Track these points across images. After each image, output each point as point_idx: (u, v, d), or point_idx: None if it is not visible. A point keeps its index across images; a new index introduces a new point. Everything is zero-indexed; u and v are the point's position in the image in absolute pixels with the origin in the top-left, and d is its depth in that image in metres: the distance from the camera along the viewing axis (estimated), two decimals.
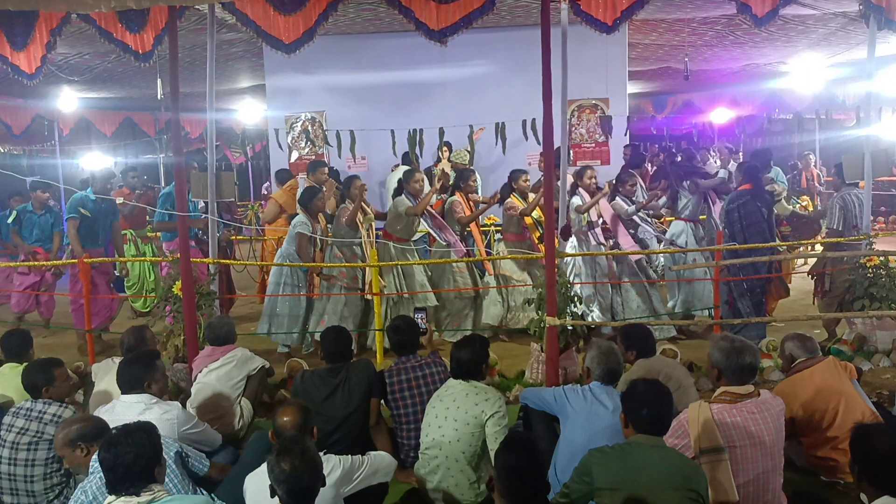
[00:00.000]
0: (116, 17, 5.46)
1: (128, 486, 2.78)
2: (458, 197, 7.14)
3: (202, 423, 4.08)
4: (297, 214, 6.72)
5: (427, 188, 7.00)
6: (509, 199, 6.96)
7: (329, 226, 7.01)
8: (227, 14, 5.64)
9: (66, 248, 7.92)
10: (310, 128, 10.30)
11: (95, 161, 16.15)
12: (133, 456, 2.79)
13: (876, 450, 2.56)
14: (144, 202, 8.76)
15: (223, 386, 4.70)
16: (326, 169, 8.10)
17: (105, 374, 4.64)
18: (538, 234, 6.92)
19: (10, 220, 7.94)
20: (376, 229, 7.08)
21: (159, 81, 7.41)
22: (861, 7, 5.84)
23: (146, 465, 2.82)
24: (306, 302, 6.67)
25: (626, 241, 6.85)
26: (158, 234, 8.14)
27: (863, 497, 2.66)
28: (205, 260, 5.99)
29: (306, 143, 10.33)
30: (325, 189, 7.23)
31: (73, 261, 6.69)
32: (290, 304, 6.61)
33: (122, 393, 3.90)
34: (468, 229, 7.15)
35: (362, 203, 6.76)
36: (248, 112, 14.98)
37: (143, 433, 2.93)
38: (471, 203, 7.21)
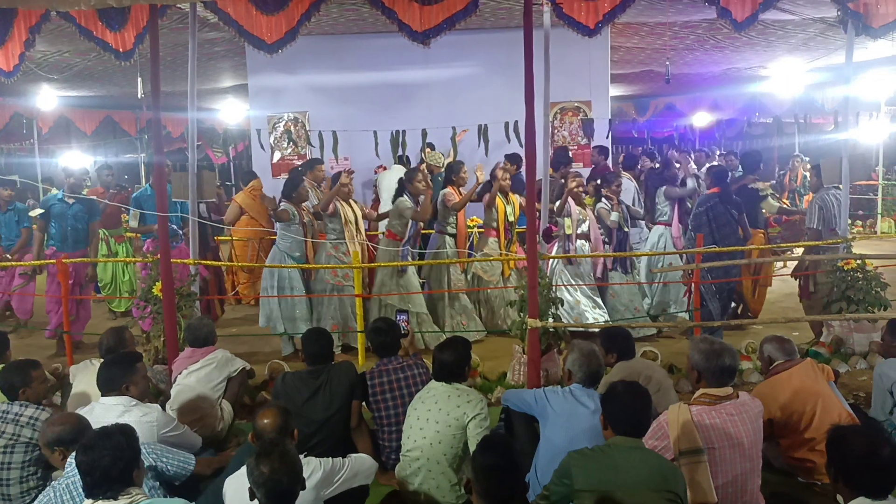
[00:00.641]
0: (96, 15, 5.42)
1: (105, 489, 2.76)
2: (449, 189, 7.20)
3: (182, 425, 4.06)
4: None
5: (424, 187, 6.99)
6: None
7: (319, 222, 6.99)
8: (209, 13, 5.62)
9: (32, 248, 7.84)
10: (292, 128, 10.25)
11: (75, 159, 15.99)
12: (110, 459, 2.77)
13: (852, 451, 2.59)
14: (119, 201, 8.70)
15: (203, 388, 4.67)
16: (323, 166, 8.18)
17: (84, 376, 4.60)
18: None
19: None
20: (380, 231, 7.08)
21: (140, 80, 7.32)
22: (839, 13, 5.94)
23: (124, 468, 2.79)
24: (307, 302, 6.64)
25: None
26: (138, 234, 8.08)
27: (839, 498, 2.69)
28: (185, 261, 5.95)
29: (289, 143, 10.28)
30: (316, 185, 7.20)
31: (52, 261, 6.62)
32: (290, 305, 6.59)
33: (102, 395, 3.87)
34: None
35: (351, 201, 6.76)
36: (231, 112, 14.89)
37: (122, 436, 2.90)
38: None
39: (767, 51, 10.79)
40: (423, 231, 7.28)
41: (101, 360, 4.31)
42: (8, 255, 7.84)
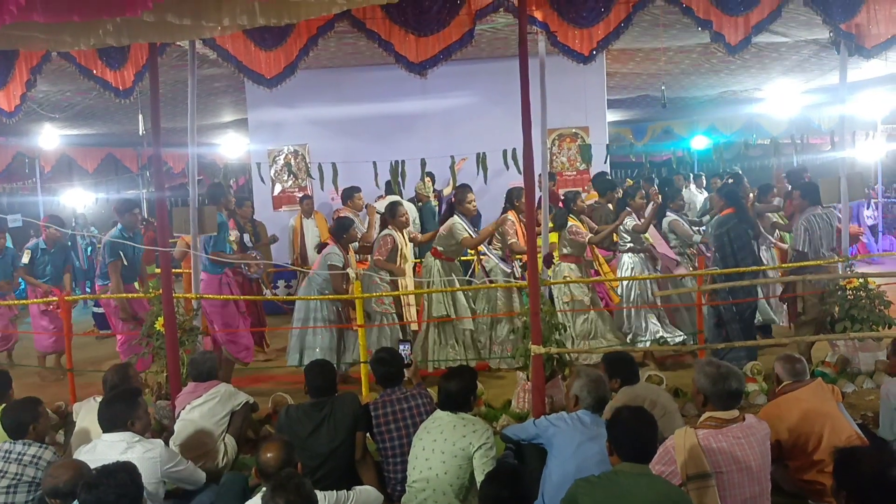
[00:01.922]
0: (96, 54, 5.50)
1: None
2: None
3: (185, 461, 4.02)
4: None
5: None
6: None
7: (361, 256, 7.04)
8: (208, 50, 5.69)
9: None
10: (293, 160, 10.33)
11: (77, 197, 16.08)
12: (115, 497, 2.75)
13: (863, 473, 2.55)
14: (149, 237, 8.64)
15: (207, 423, 4.65)
16: (361, 193, 8.37)
17: (87, 413, 4.57)
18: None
19: None
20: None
21: (141, 117, 7.42)
22: (832, 34, 5.99)
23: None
24: (338, 334, 6.63)
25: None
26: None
27: None
28: (188, 295, 5.95)
29: (289, 175, 10.35)
30: (361, 218, 7.24)
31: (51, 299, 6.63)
32: (322, 336, 6.57)
33: (104, 432, 3.84)
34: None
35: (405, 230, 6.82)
36: (231, 146, 15.02)
37: (125, 473, 2.89)
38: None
39: (762, 73, 10.90)
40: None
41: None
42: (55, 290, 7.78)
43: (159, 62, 5.42)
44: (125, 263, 6.60)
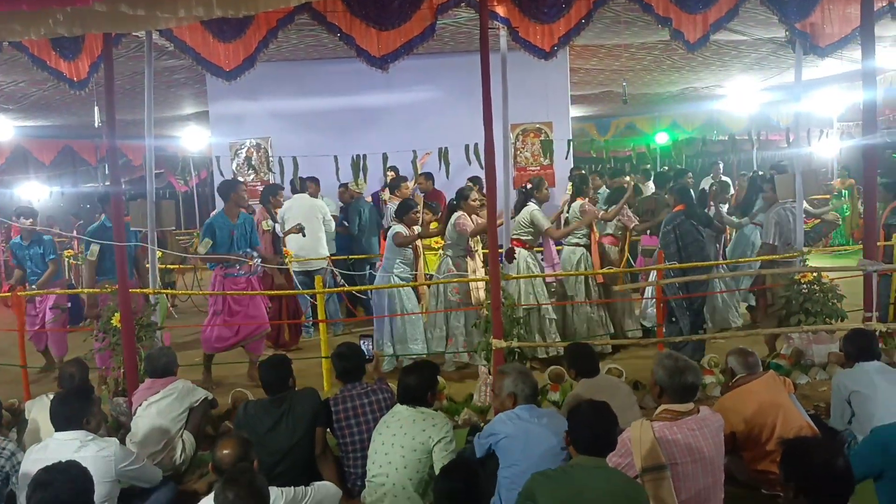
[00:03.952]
0: (50, 44, 5.36)
1: None
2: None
3: (141, 458, 3.96)
4: None
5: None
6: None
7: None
8: (166, 41, 5.59)
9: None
10: (254, 154, 10.22)
11: (33, 190, 15.71)
12: (70, 494, 2.71)
13: (809, 463, 2.59)
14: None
15: (164, 419, 4.58)
16: (410, 183, 8.60)
17: (39, 411, 4.49)
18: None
19: None
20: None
21: (97, 109, 7.25)
22: (787, 33, 6.09)
23: (86, 501, 2.75)
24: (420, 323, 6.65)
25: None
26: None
27: None
28: (144, 290, 5.86)
29: (249, 169, 10.24)
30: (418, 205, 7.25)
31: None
32: (400, 326, 6.56)
33: (56, 430, 3.76)
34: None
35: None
36: (193, 139, 14.78)
37: (77, 470, 2.85)
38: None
39: (722, 70, 11.06)
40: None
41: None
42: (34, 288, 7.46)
43: (115, 53, 5.32)
44: (103, 257, 6.43)
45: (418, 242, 6.83)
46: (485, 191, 5.93)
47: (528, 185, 7.15)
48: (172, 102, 11.95)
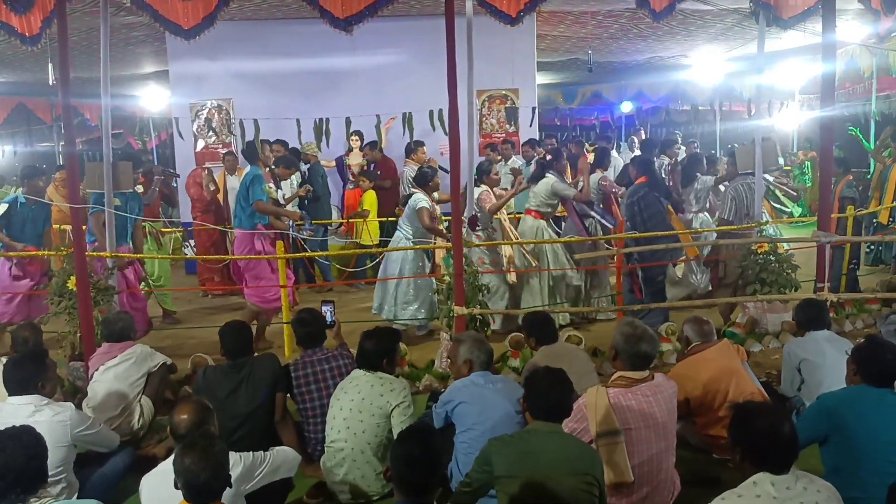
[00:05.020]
0: None
1: (19, 491, 2.68)
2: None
3: (98, 423, 3.92)
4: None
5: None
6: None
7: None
8: None
9: None
10: (216, 116, 10.01)
11: None
12: (25, 458, 2.69)
13: (757, 428, 2.66)
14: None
15: (121, 384, 4.54)
16: (425, 147, 8.62)
17: None
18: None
19: None
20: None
21: (51, 66, 7.02)
22: (751, 4, 6.13)
23: (39, 466, 2.73)
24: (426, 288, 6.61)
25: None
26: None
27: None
28: (102, 254, 5.75)
29: (209, 131, 10.03)
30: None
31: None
32: (404, 291, 6.57)
33: (10, 394, 3.70)
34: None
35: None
36: (152, 99, 14.39)
37: (30, 435, 2.82)
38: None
39: (688, 40, 11.09)
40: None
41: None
42: None
43: (69, 8, 5.15)
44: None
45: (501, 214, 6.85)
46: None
47: (548, 157, 7.15)
48: (131, 60, 11.61)
